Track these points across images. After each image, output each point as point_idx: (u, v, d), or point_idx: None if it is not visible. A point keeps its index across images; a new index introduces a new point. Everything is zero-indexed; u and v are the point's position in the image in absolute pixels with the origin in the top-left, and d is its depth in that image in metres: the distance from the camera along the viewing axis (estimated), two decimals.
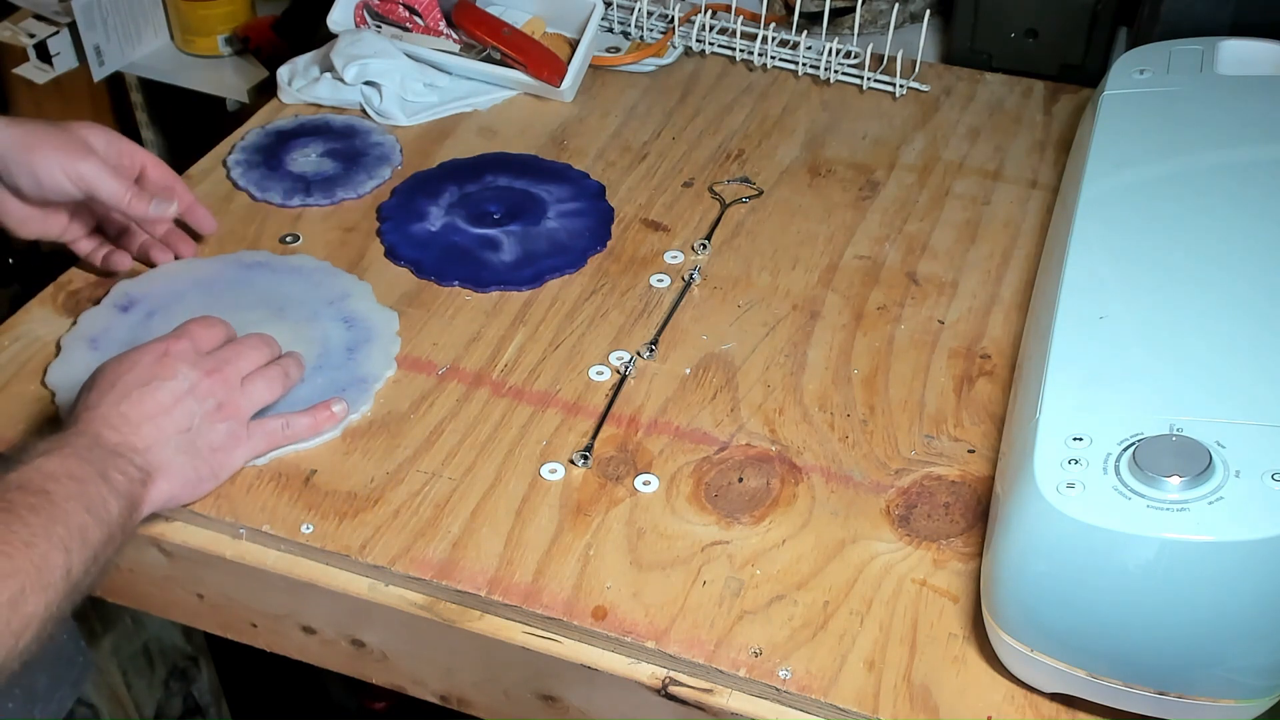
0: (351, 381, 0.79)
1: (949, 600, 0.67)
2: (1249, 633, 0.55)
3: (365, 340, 0.82)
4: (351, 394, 0.78)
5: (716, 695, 0.65)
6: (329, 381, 0.79)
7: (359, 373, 0.80)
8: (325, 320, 0.83)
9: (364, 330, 0.83)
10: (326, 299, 0.85)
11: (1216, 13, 0.98)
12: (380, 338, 0.82)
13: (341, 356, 0.81)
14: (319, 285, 0.86)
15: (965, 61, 1.12)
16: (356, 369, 0.80)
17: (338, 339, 0.82)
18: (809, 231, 0.93)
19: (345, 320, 0.83)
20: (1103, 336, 0.65)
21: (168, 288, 0.86)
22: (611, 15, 1.15)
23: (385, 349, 0.82)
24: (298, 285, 0.86)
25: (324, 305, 0.84)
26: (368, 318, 0.84)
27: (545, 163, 0.99)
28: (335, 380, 0.79)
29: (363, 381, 0.79)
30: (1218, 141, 0.79)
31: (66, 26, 1.27)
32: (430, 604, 0.69)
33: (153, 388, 0.69)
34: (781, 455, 0.75)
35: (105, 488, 0.64)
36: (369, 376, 0.79)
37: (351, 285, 0.87)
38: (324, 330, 0.82)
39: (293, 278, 0.87)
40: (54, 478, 0.63)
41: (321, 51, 1.07)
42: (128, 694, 1.01)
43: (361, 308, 0.84)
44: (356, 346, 0.81)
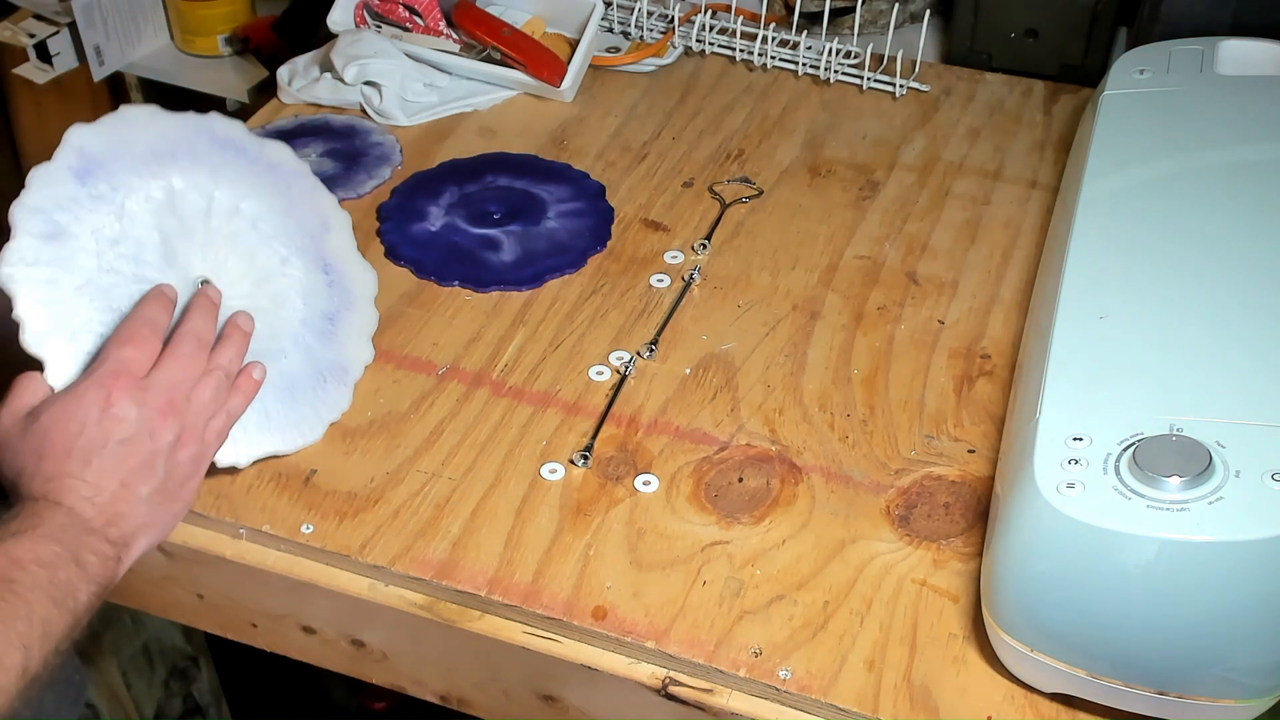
0: (330, 367, 0.74)
1: (949, 600, 0.67)
2: (1249, 633, 0.55)
3: (346, 306, 0.75)
4: (331, 386, 0.73)
5: (716, 695, 0.65)
6: (308, 364, 0.72)
7: (339, 356, 0.74)
8: (305, 263, 0.74)
9: (344, 292, 0.75)
10: (307, 229, 0.75)
11: (1216, 13, 0.98)
12: (359, 307, 0.76)
13: (322, 327, 0.74)
14: (297, 203, 0.76)
15: (965, 61, 1.12)
16: (335, 348, 0.74)
17: (318, 298, 0.74)
18: (809, 231, 0.93)
19: (325, 269, 0.75)
20: (1103, 336, 0.65)
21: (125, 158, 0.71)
22: (611, 15, 1.15)
23: (363, 327, 0.75)
24: (274, 200, 0.75)
25: (305, 238, 0.75)
26: (347, 271, 0.76)
27: (545, 163, 0.99)
28: (314, 363, 0.72)
29: (342, 371, 0.74)
30: (1218, 141, 0.79)
31: (66, 26, 1.27)
32: (430, 604, 0.69)
33: (112, 449, 0.63)
34: (781, 455, 0.75)
35: (77, 573, 0.60)
36: (348, 364, 0.74)
37: (332, 213, 0.77)
38: (305, 279, 0.74)
39: (270, 181, 0.76)
40: (21, 565, 0.58)
41: (321, 51, 1.07)
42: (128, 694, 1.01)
43: (341, 251, 0.76)
44: (337, 315, 0.74)
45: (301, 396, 0.74)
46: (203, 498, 0.72)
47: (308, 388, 0.74)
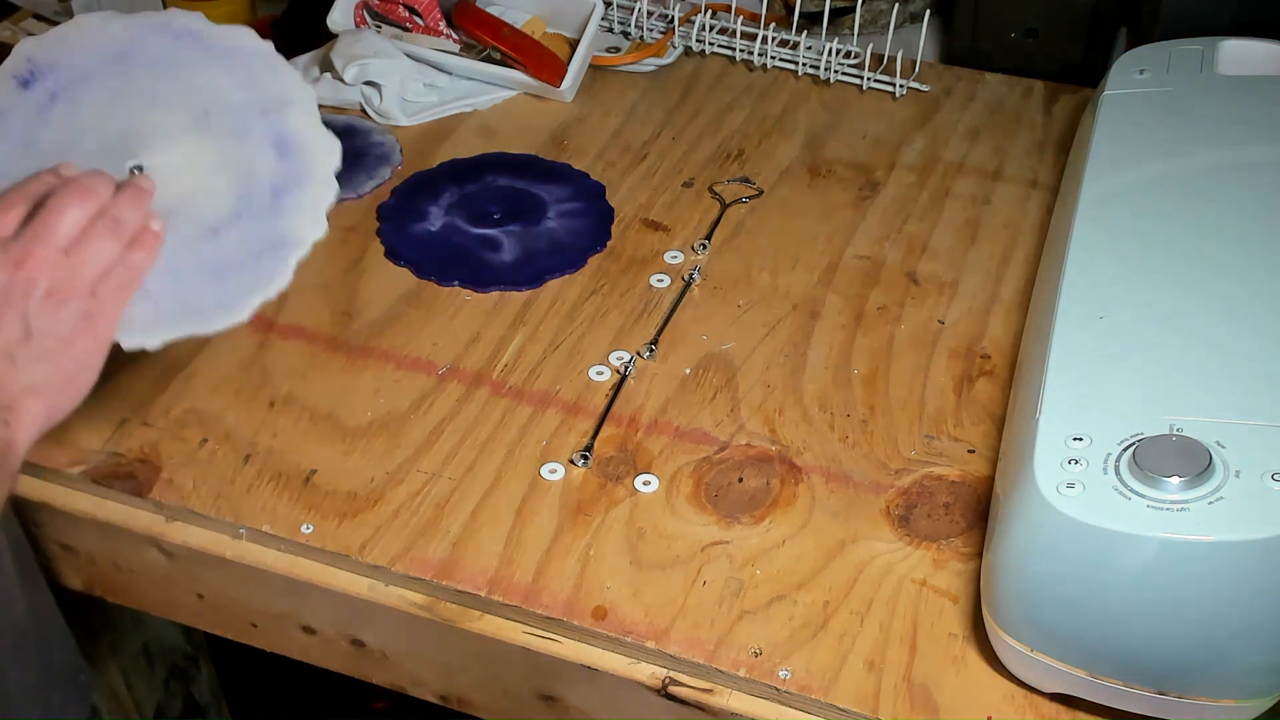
0: (269, 243, 0.67)
1: (949, 600, 0.67)
2: (1249, 633, 0.55)
3: (297, 181, 0.69)
4: (268, 262, 0.67)
5: (716, 695, 0.65)
6: (243, 240, 0.67)
7: (281, 230, 0.68)
8: (255, 140, 0.70)
9: (298, 165, 0.69)
10: (261, 106, 0.70)
11: (1216, 13, 0.98)
12: (313, 180, 0.69)
13: (265, 203, 0.68)
14: (254, 83, 0.71)
15: (965, 61, 1.12)
16: (279, 224, 0.68)
17: (264, 173, 0.69)
18: (809, 231, 0.93)
19: (278, 144, 0.69)
20: (1103, 336, 0.65)
21: (77, 59, 0.70)
22: (611, 15, 1.15)
23: (316, 200, 0.68)
24: (230, 76, 0.71)
25: (257, 115, 0.70)
26: (305, 146, 0.70)
27: (545, 163, 0.99)
28: (250, 238, 0.67)
29: (282, 245, 0.67)
30: (1218, 141, 0.79)
31: None
32: (430, 604, 0.69)
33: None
34: (781, 455, 0.75)
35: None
36: (291, 238, 0.68)
37: (294, 90, 0.71)
38: (251, 157, 0.69)
39: (226, 65, 0.71)
40: None
41: (321, 51, 1.07)
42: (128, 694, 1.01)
43: (301, 128, 0.70)
44: (285, 190, 0.68)
45: (228, 276, 0.68)
46: (203, 497, 0.72)
47: (238, 266, 0.68)
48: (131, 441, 0.76)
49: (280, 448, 0.76)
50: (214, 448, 0.75)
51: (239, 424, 0.77)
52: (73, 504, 0.75)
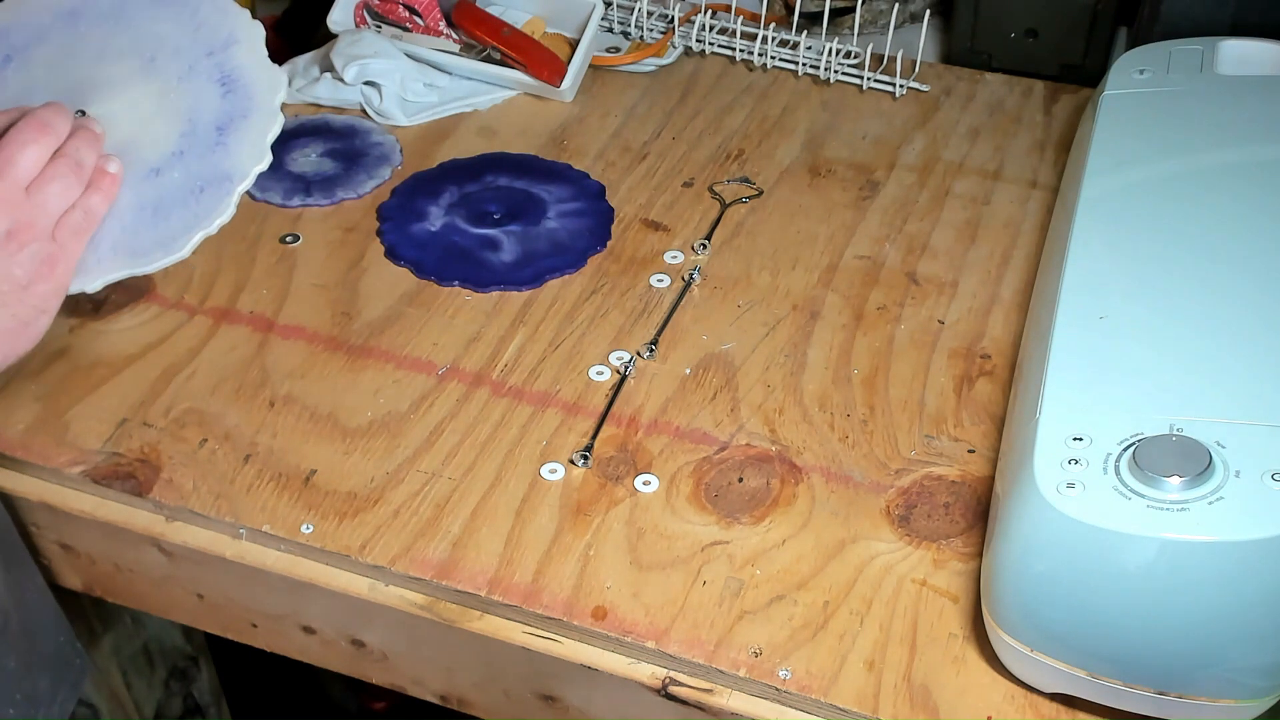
0: (212, 177, 0.66)
1: (949, 600, 0.67)
2: (1249, 633, 0.55)
3: (241, 114, 0.68)
4: (209, 196, 0.66)
5: (716, 695, 0.65)
6: (186, 176, 0.66)
7: (224, 165, 0.67)
8: (200, 79, 0.69)
9: (243, 98, 0.69)
10: (207, 47, 0.70)
11: (1216, 13, 0.98)
12: (258, 111, 0.69)
13: (209, 139, 0.67)
14: (201, 26, 0.71)
15: (965, 61, 1.12)
16: (223, 158, 0.67)
17: (209, 111, 0.68)
18: (809, 231, 0.93)
19: (223, 81, 0.69)
20: (1103, 336, 0.65)
21: (29, 20, 0.71)
22: (611, 15, 1.15)
23: (260, 130, 0.68)
24: (177, 21, 0.71)
25: (202, 57, 0.70)
26: (250, 79, 0.70)
27: (545, 163, 0.99)
28: (194, 174, 0.66)
29: (226, 179, 0.67)
30: (1218, 141, 0.79)
31: None
32: (430, 604, 0.69)
33: None
34: (781, 455, 0.75)
35: None
36: (235, 172, 0.67)
37: (240, 28, 0.71)
38: (195, 96, 0.69)
39: (175, 11, 0.72)
40: None
41: (321, 51, 1.07)
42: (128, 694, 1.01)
43: (246, 64, 0.70)
44: (229, 125, 0.68)
45: (169, 213, 0.68)
46: (203, 497, 0.72)
47: (179, 203, 0.68)
48: (131, 441, 0.76)
49: (280, 448, 0.76)
50: (214, 448, 0.75)
51: (239, 424, 0.77)
52: (73, 504, 0.75)
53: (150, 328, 0.84)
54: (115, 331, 0.84)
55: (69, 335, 0.83)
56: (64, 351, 0.82)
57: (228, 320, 0.85)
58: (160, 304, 0.86)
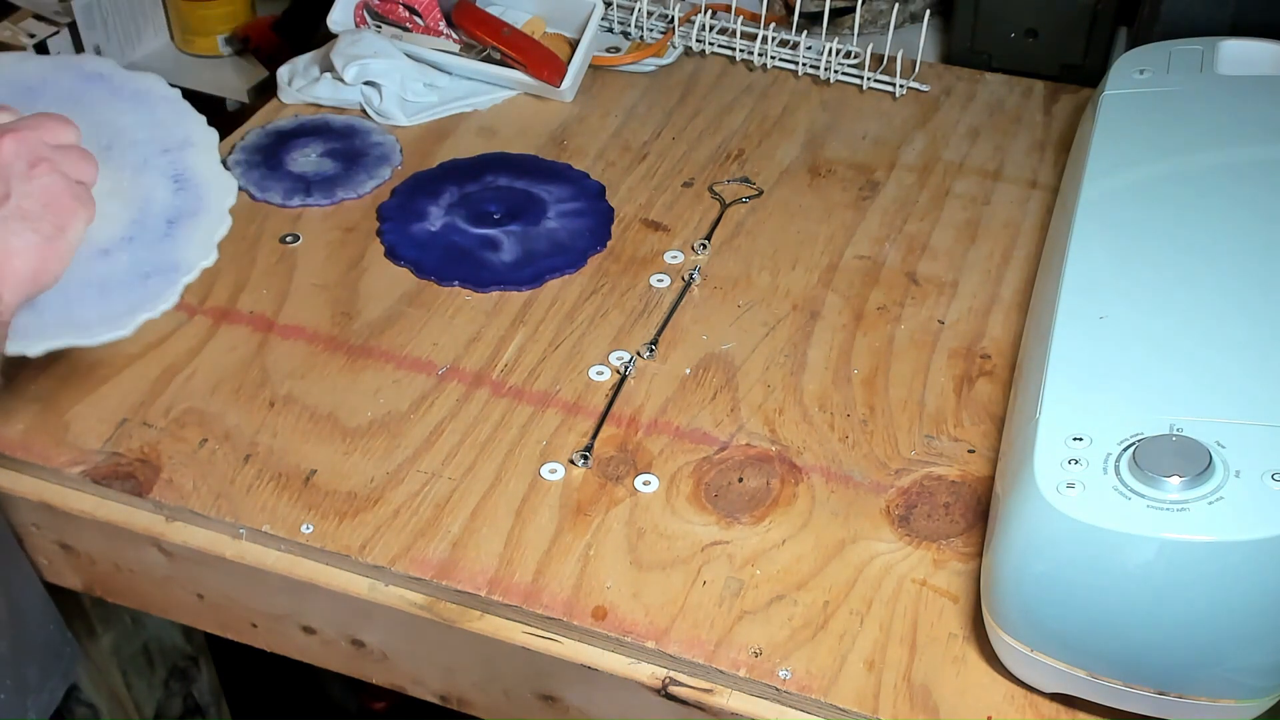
0: (159, 266, 0.69)
1: (949, 600, 0.67)
2: (1249, 633, 0.55)
3: (191, 213, 0.71)
4: (155, 283, 0.69)
5: (716, 695, 0.65)
6: (134, 261, 0.69)
7: (172, 256, 0.69)
8: (153, 174, 0.72)
9: (193, 198, 0.72)
10: (163, 145, 0.73)
11: (1216, 13, 0.98)
12: (207, 212, 0.71)
13: (158, 230, 0.70)
14: (158, 123, 0.74)
15: (965, 61, 1.12)
16: (171, 250, 0.70)
17: (160, 204, 0.71)
18: (809, 231, 0.93)
19: (176, 179, 0.72)
20: (1103, 336, 0.65)
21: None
22: (611, 15, 1.15)
23: (209, 231, 0.71)
24: (135, 115, 0.74)
25: (158, 153, 0.73)
26: (202, 182, 0.72)
27: (545, 163, 0.99)
28: (141, 261, 0.69)
29: (173, 270, 0.69)
30: (1218, 141, 0.79)
31: (66, 26, 1.27)
32: (430, 604, 0.69)
33: None
34: (781, 455, 0.75)
35: None
36: (182, 264, 0.69)
37: (196, 132, 0.75)
38: (148, 188, 0.71)
39: (133, 105, 0.75)
40: None
41: (321, 51, 1.07)
42: (128, 694, 1.01)
43: (199, 165, 0.73)
44: (179, 220, 0.71)
45: (114, 293, 0.69)
46: (203, 497, 0.72)
47: (125, 285, 0.69)
48: (131, 441, 0.76)
49: (280, 448, 0.76)
50: (214, 448, 0.75)
51: (239, 424, 0.77)
52: (73, 504, 0.75)
53: (150, 328, 0.83)
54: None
55: None
56: (64, 352, 0.82)
57: (228, 320, 0.85)
58: None
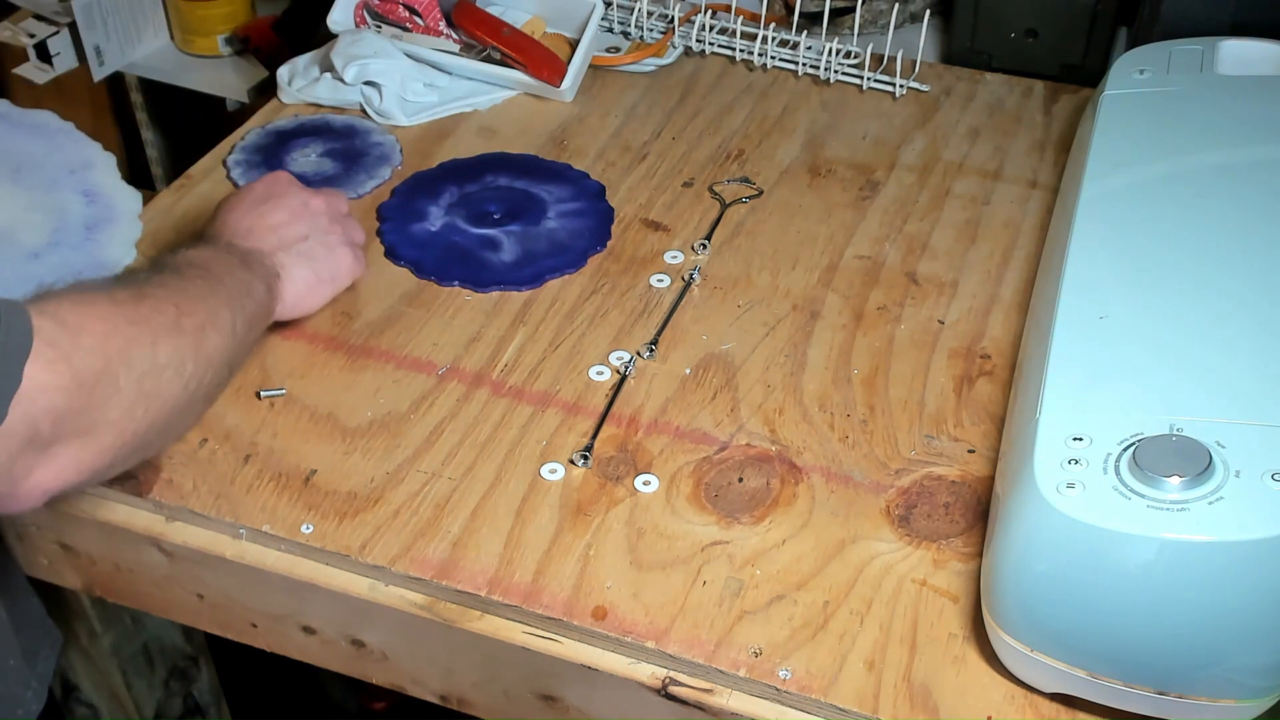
0: (89, 265, 0.77)
1: (949, 600, 0.67)
2: (1249, 633, 0.55)
3: (107, 220, 0.80)
4: (87, 279, 0.75)
5: (716, 695, 0.65)
6: (63, 261, 0.76)
7: (97, 256, 0.77)
8: (65, 190, 0.81)
9: (106, 208, 0.81)
10: (68, 166, 0.83)
11: (1216, 13, 0.98)
12: (121, 219, 0.80)
13: (79, 235, 0.78)
14: (60, 149, 0.84)
15: (965, 61, 1.12)
16: (95, 251, 0.78)
17: (77, 214, 0.79)
18: (809, 231, 0.93)
19: (86, 194, 0.81)
20: (1103, 336, 0.65)
21: None
22: (611, 15, 1.15)
23: (126, 234, 0.79)
24: (37, 145, 0.84)
25: (64, 173, 0.82)
26: (110, 195, 0.81)
27: (545, 163, 0.99)
28: (70, 261, 0.76)
29: (100, 267, 0.77)
30: (1218, 141, 0.79)
31: (66, 26, 1.27)
32: (430, 604, 0.69)
33: (271, 204, 0.77)
34: (781, 455, 0.75)
35: (248, 274, 0.72)
36: (106, 263, 0.77)
37: (95, 155, 0.84)
38: (62, 202, 0.80)
39: (33, 136, 0.84)
40: (206, 263, 0.70)
41: (321, 51, 1.07)
42: (128, 694, 1.01)
43: (104, 182, 0.82)
44: (97, 226, 0.79)
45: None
46: (203, 497, 0.72)
47: (59, 281, 0.74)
48: None
49: (280, 448, 0.76)
50: (214, 448, 0.75)
51: (239, 424, 0.77)
52: (73, 504, 0.75)
53: None
54: None
55: None
56: None
57: None
58: None
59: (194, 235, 0.80)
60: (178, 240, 0.90)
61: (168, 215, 0.91)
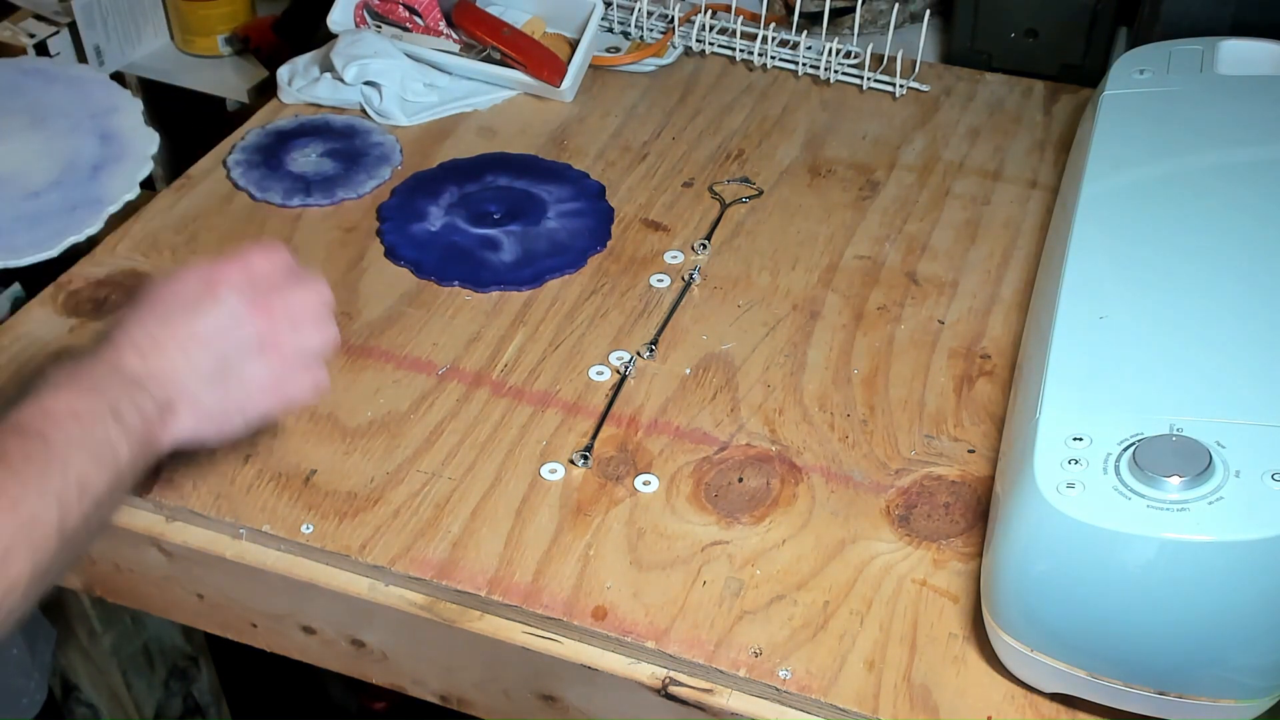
0: (85, 200, 0.78)
1: (949, 600, 0.67)
2: (1249, 633, 0.55)
3: (115, 159, 0.82)
4: (81, 213, 0.77)
5: (716, 695, 0.65)
6: (63, 199, 0.78)
7: (97, 193, 0.79)
8: (83, 134, 0.83)
9: (118, 148, 0.82)
10: (90, 111, 0.85)
11: (1216, 13, 0.98)
12: (131, 158, 0.82)
13: (85, 175, 0.80)
14: (90, 97, 0.86)
15: (965, 61, 1.12)
16: (96, 189, 0.79)
17: (87, 155, 0.81)
18: (809, 231, 0.93)
19: (103, 136, 0.83)
20: (1103, 336, 0.65)
21: None
22: (611, 15, 1.15)
23: (132, 171, 0.81)
24: (68, 94, 0.86)
25: (87, 118, 0.84)
26: (127, 136, 0.83)
27: (545, 163, 0.99)
28: (69, 198, 0.78)
29: (97, 203, 0.78)
30: (1218, 141, 0.79)
31: (66, 26, 1.27)
32: (430, 604, 0.69)
33: (192, 313, 0.63)
34: (781, 455, 0.75)
35: (115, 428, 0.58)
36: (105, 198, 0.79)
37: (123, 100, 0.86)
38: (77, 145, 0.82)
39: (65, 87, 0.87)
40: (55, 419, 0.57)
41: (321, 51, 1.07)
42: (128, 694, 1.01)
43: (124, 124, 0.84)
44: (104, 165, 0.81)
45: (44, 224, 0.79)
46: (202, 497, 0.72)
47: (52, 217, 0.79)
48: None
49: (280, 448, 0.76)
50: (214, 448, 0.75)
51: None
52: None
53: None
54: None
55: (69, 335, 0.83)
56: (64, 352, 0.82)
57: None
58: None
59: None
60: (177, 240, 0.90)
61: (168, 215, 0.91)
